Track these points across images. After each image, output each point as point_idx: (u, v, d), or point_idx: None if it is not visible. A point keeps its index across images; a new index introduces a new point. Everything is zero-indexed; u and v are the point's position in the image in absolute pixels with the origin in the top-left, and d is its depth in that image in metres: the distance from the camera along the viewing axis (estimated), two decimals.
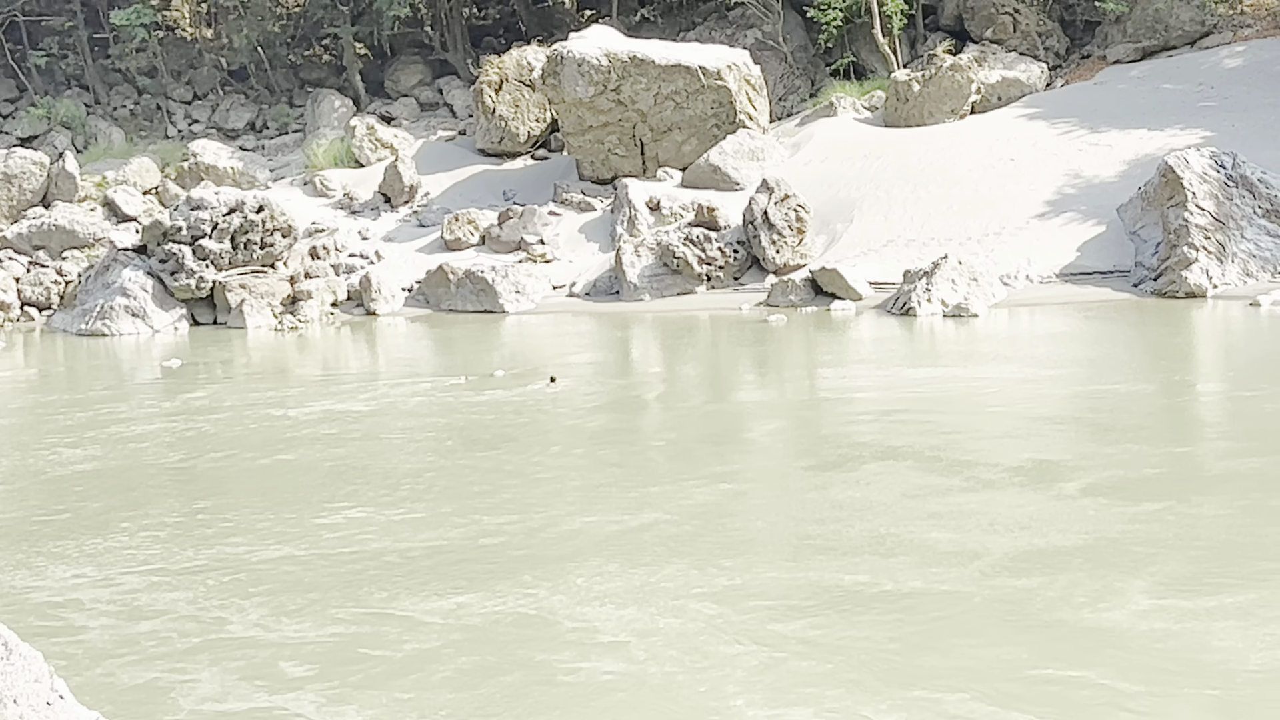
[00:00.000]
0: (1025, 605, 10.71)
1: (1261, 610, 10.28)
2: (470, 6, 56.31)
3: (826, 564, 12.04)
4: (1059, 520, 13.12)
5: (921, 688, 9.41)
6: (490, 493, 15.52)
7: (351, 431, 20.08)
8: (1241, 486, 14.23)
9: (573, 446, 18.35)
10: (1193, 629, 10.03)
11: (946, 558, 12.05)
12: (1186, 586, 10.89)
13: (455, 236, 39.53)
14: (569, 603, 11.32)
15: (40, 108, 49.94)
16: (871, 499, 14.37)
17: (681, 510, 14.15)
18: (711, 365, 26.67)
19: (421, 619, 11.19)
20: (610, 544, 13.02)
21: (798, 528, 13.41)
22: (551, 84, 41.80)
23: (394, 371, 27.39)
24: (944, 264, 31.49)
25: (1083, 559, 11.80)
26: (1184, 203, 31.63)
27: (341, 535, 13.81)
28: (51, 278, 38.54)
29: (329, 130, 48.06)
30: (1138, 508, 13.45)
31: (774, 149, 40.82)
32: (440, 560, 12.83)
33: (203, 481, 17.31)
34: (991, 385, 21.98)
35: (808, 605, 11.03)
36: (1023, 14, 45.19)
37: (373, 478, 16.67)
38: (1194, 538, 12.28)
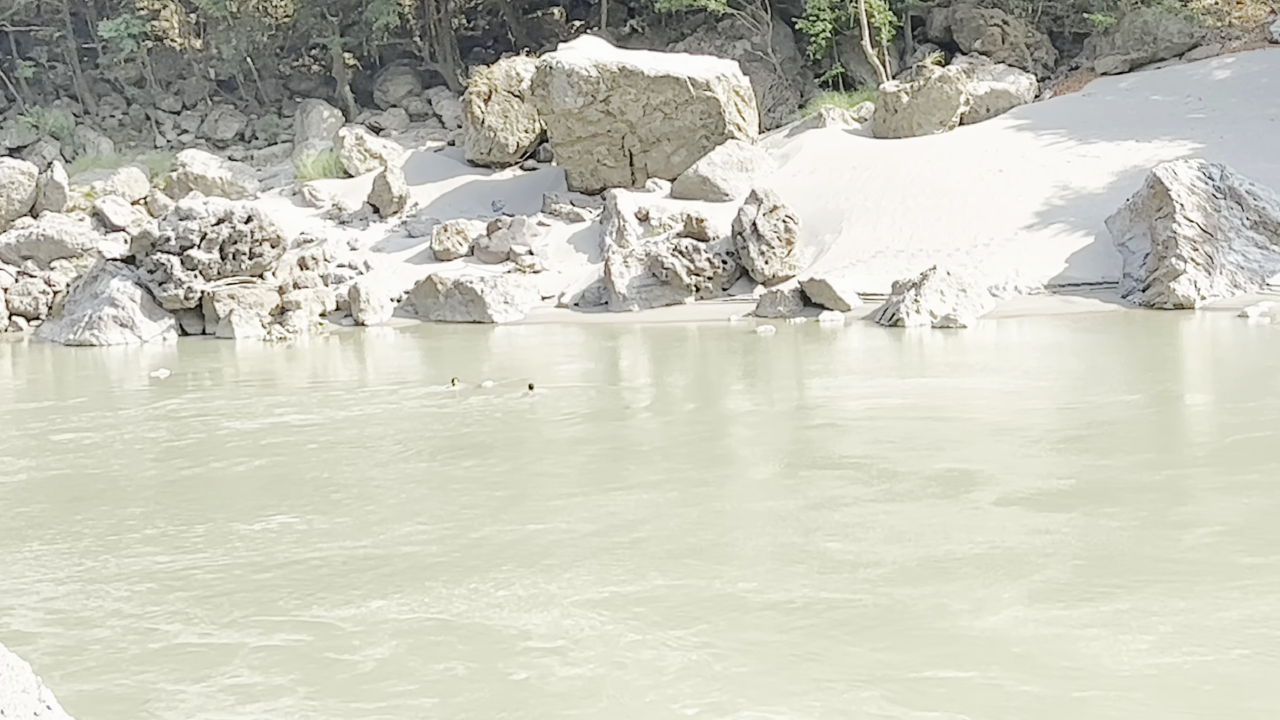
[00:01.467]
0: (907, 612, 11.12)
1: (1130, 619, 10.67)
2: (459, 17, 56.28)
3: (722, 572, 12.44)
4: (961, 530, 13.52)
5: (799, 691, 9.78)
6: (418, 501, 15.95)
7: (310, 441, 20.31)
8: (1152, 498, 14.57)
9: (521, 456, 18.72)
10: (1064, 635, 10.41)
11: (840, 566, 12.44)
12: (1064, 595, 11.30)
13: (444, 247, 39.50)
14: (471, 609, 11.70)
15: (29, 117, 49.86)
16: (786, 509, 14.81)
17: (594, 520, 14.54)
18: (694, 376, 26.74)
19: (335, 625, 11.51)
20: (512, 552, 13.36)
21: (701, 537, 13.74)
22: (540, 95, 41.80)
23: (376, 382, 27.52)
24: (932, 275, 31.50)
25: (973, 567, 12.23)
26: (1172, 214, 31.66)
27: (260, 543, 14.12)
28: (40, 288, 38.46)
29: (318, 141, 48.01)
30: (1043, 518, 13.85)
31: (763, 160, 40.83)
32: (354, 568, 13.14)
33: (139, 490, 17.52)
34: (968, 396, 22.19)
35: (694, 612, 11.36)
36: (1011, 26, 45.22)
37: (311, 487, 16.97)
38: (1084, 548, 12.70)
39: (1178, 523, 13.49)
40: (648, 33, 50.04)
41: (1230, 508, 14.04)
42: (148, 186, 45.57)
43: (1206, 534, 13.07)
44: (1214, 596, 11.11)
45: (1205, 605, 10.90)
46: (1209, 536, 12.97)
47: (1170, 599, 11.06)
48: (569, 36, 49.12)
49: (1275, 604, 10.88)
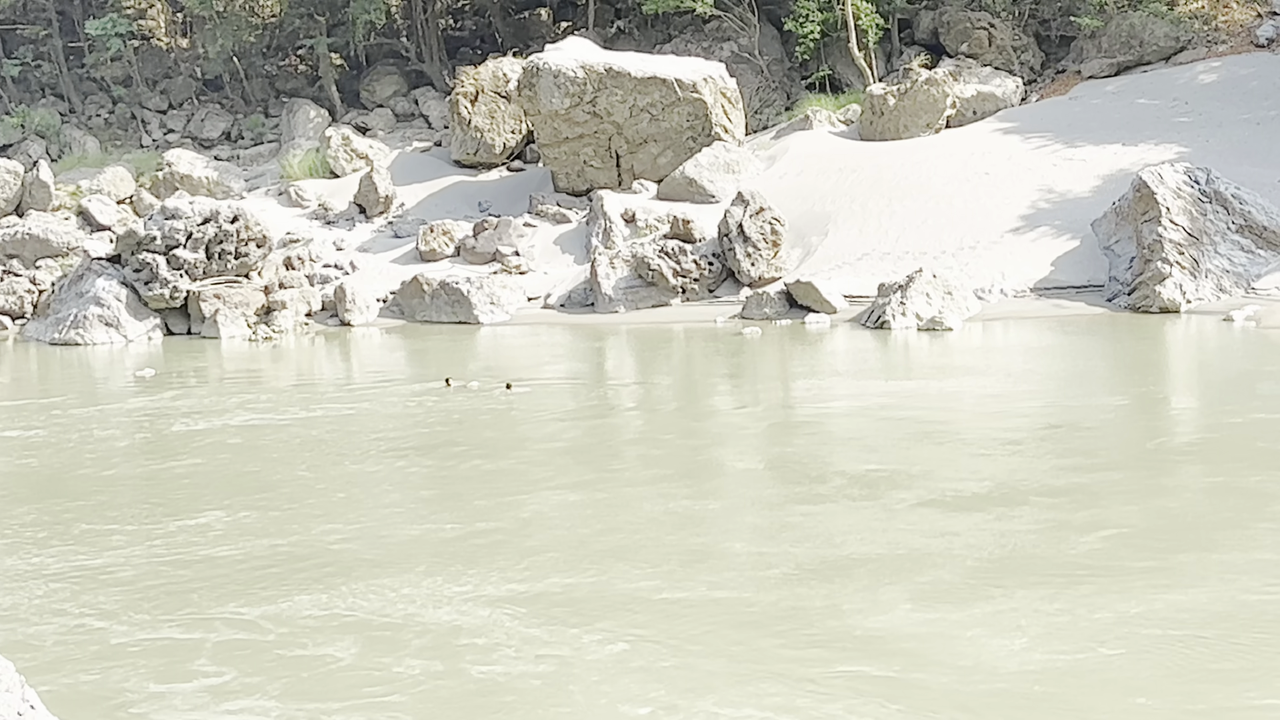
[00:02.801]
0: (800, 611, 11.41)
1: (1007, 619, 11.00)
2: (446, 17, 56.25)
3: (624, 572, 12.68)
4: (869, 531, 13.80)
5: (685, 688, 10.01)
6: (350, 499, 16.19)
7: (269, 440, 20.46)
8: (1068, 501, 14.76)
9: (472, 455, 18.80)
10: (944, 634, 10.71)
11: (742, 566, 12.70)
12: (950, 596, 11.60)
13: (430, 247, 39.46)
14: (381, 603, 11.98)
15: (14, 116, 49.77)
16: (705, 510, 15.09)
17: (514, 519, 14.79)
18: (674, 378, 26.72)
19: (248, 621, 11.73)
20: (426, 551, 13.64)
21: (615, 537, 13.95)
22: (527, 95, 41.78)
23: (355, 382, 27.53)
24: (918, 277, 31.51)
25: (870, 568, 12.53)
26: (1158, 218, 31.69)
27: (182, 541, 14.29)
28: (25, 286, 38.36)
29: (304, 140, 47.95)
30: (952, 520, 14.10)
31: (749, 162, 40.83)
32: (269, 565, 13.37)
33: (79, 488, 17.55)
34: (943, 399, 22.24)
35: (593, 611, 11.63)
36: (998, 29, 45.26)
37: (252, 485, 17.19)
38: (981, 550, 12.98)
39: (1081, 525, 13.68)
40: (635, 34, 50.06)
41: (1140, 510, 14.29)
42: (133, 186, 45.50)
43: (1105, 536, 13.29)
44: (1093, 597, 11.41)
45: (1081, 606, 11.21)
46: (1106, 539, 13.21)
47: (1049, 600, 11.37)
48: (556, 37, 49.10)
49: (1149, 605, 11.21)
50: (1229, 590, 11.55)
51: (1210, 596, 11.41)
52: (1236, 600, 11.31)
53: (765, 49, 47.17)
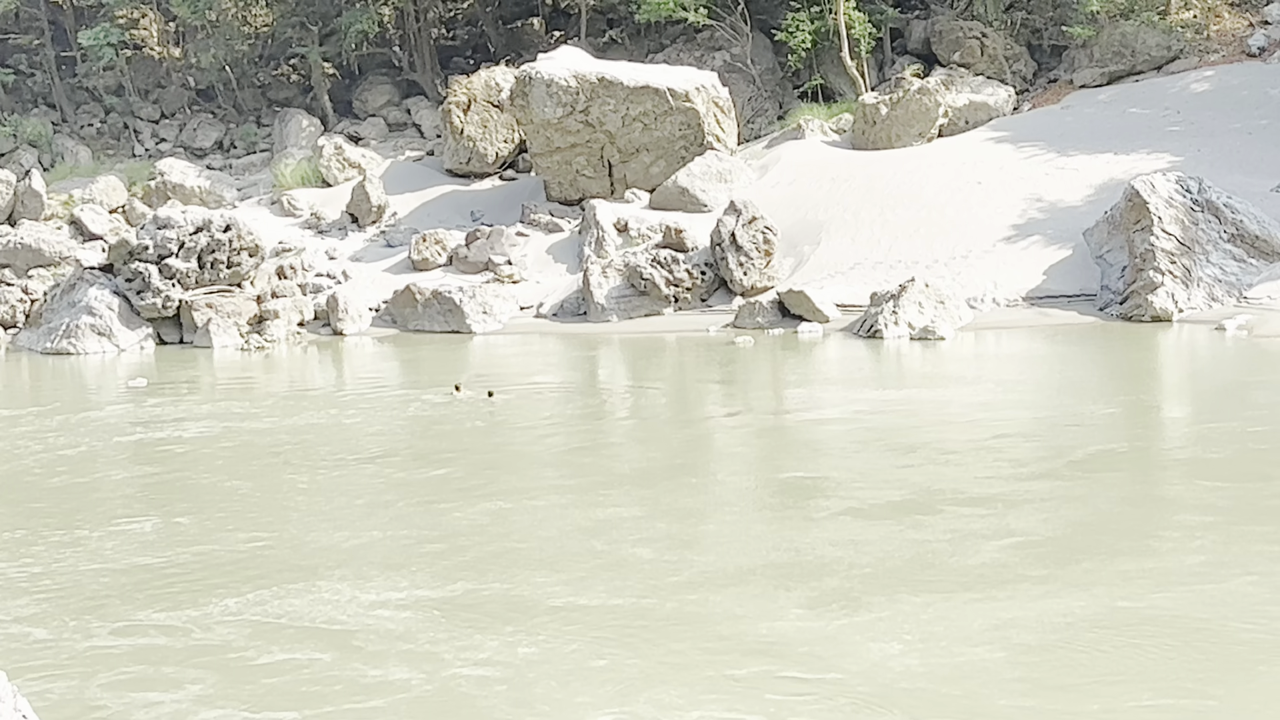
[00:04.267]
0: (695, 617, 11.77)
1: (887, 624, 11.41)
2: (439, 27, 56.25)
3: (529, 578, 13.01)
4: (777, 539, 14.20)
5: (592, 689, 10.37)
6: (284, 507, 16.47)
7: (223, 449, 20.70)
8: (985, 510, 15.04)
9: (423, 463, 19.11)
10: (830, 639, 11.16)
11: (646, 574, 13.02)
12: (840, 602, 12.00)
13: (423, 257, 39.45)
14: (281, 608, 12.35)
15: (7, 126, 49.74)
16: (624, 517, 15.35)
17: (435, 527, 15.10)
18: (660, 386, 26.73)
19: (160, 626, 12.04)
20: (339, 559, 13.94)
21: (528, 545, 14.32)
22: (520, 105, 41.79)
23: (342, 391, 27.58)
24: (911, 287, 31.53)
25: (770, 575, 12.90)
26: (1150, 227, 31.71)
27: (103, 548, 14.59)
28: (17, 296, 38.32)
29: (296, 150, 47.95)
30: (863, 528, 14.46)
31: (742, 171, 40.85)
32: (184, 572, 13.68)
33: (16, 496, 17.82)
34: (924, 408, 22.40)
35: (496, 616, 11.95)
36: (990, 38, 45.30)
37: (193, 494, 17.57)
38: (881, 557, 13.34)
39: (988, 534, 13.99)
40: (627, 43, 50.06)
41: (1050, 519, 14.54)
42: (126, 195, 45.49)
43: (1007, 545, 13.59)
44: (975, 604, 11.82)
45: (961, 612, 11.61)
46: (1007, 548, 13.51)
47: (931, 607, 11.75)
48: (548, 47, 49.15)
49: (1028, 610, 11.60)
50: (1112, 597, 11.91)
51: (1092, 603, 11.77)
52: (1116, 606, 11.68)
53: (758, 58, 47.19)
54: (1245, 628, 11.08)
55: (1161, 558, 13.01)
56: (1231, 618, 11.28)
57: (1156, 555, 13.09)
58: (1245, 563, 12.70)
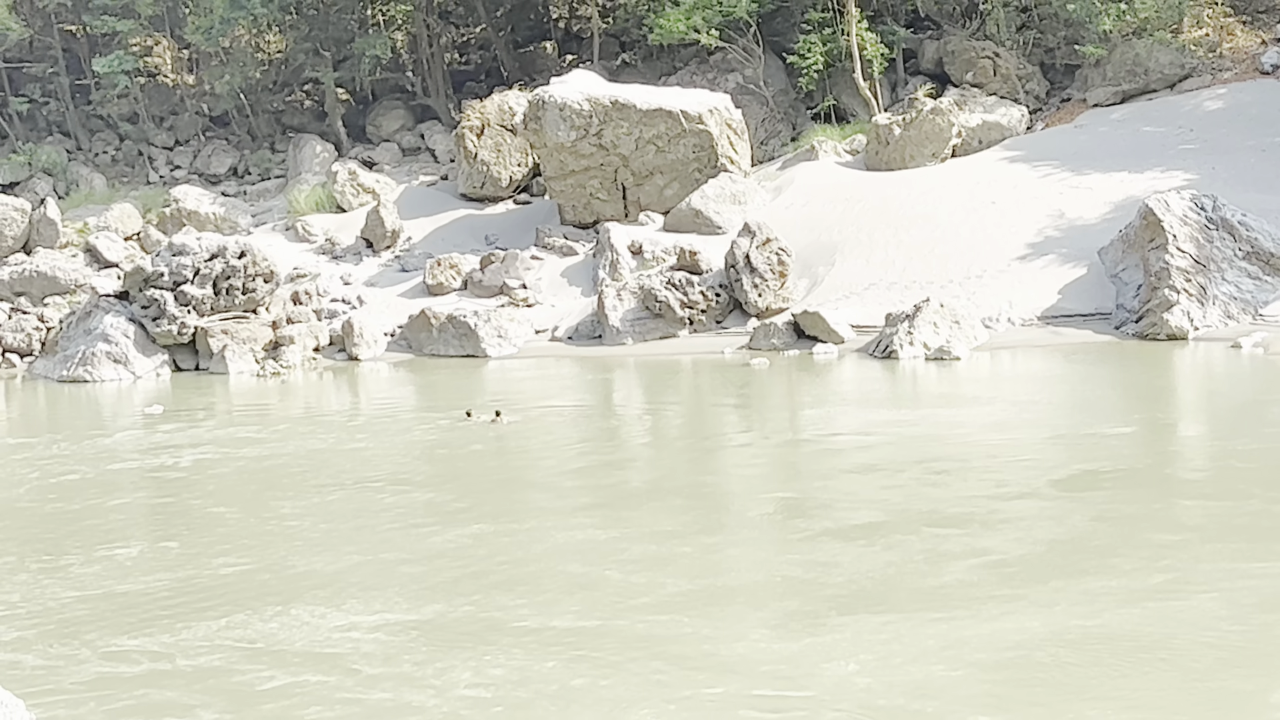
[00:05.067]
0: (663, 639, 11.91)
1: (846, 645, 11.57)
2: (452, 51, 56.39)
3: (503, 602, 13.15)
4: (751, 561, 14.43)
5: (561, 711, 10.55)
6: (270, 533, 16.54)
7: (219, 475, 20.82)
8: (959, 530, 15.12)
9: (417, 488, 19.11)
10: (793, 658, 11.31)
11: (617, 596, 13.16)
12: (805, 623, 12.13)
13: (437, 281, 39.51)
14: (255, 631, 12.55)
15: (21, 154, 49.89)
16: (600, 540, 15.48)
17: (414, 551, 15.25)
18: (671, 409, 26.70)
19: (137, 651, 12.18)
20: (315, 583, 14.12)
21: (505, 568, 14.42)
22: (533, 128, 41.85)
23: (353, 416, 27.59)
24: (926, 307, 31.51)
25: (739, 597, 13.10)
26: (1165, 245, 31.68)
27: (90, 575, 14.73)
28: (33, 324, 38.42)
29: (311, 176, 48.05)
30: (840, 549, 14.56)
31: (756, 192, 40.88)
32: (165, 597, 13.83)
33: (14, 521, 18.01)
34: (934, 429, 22.27)
35: (457, 640, 12.11)
36: (1003, 58, 45.31)
37: (183, 519, 17.65)
38: (850, 578, 13.48)
39: (959, 554, 14.11)
40: (640, 66, 50.15)
41: (1022, 539, 14.65)
42: (141, 222, 45.61)
43: (975, 565, 13.71)
44: (934, 624, 11.94)
45: (918, 632, 11.74)
46: (975, 568, 13.63)
47: (890, 626, 11.93)
48: (561, 70, 49.21)
49: (983, 629, 11.78)
50: (1072, 616, 12.04)
51: (1051, 621, 11.92)
52: (1074, 625, 11.80)
53: (771, 80, 47.24)
54: (1200, 645, 11.25)
55: (1127, 576, 13.11)
56: (1187, 635, 11.45)
57: (1122, 574, 13.19)
58: (1210, 580, 12.85)
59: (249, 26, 51.28)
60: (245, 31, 51.81)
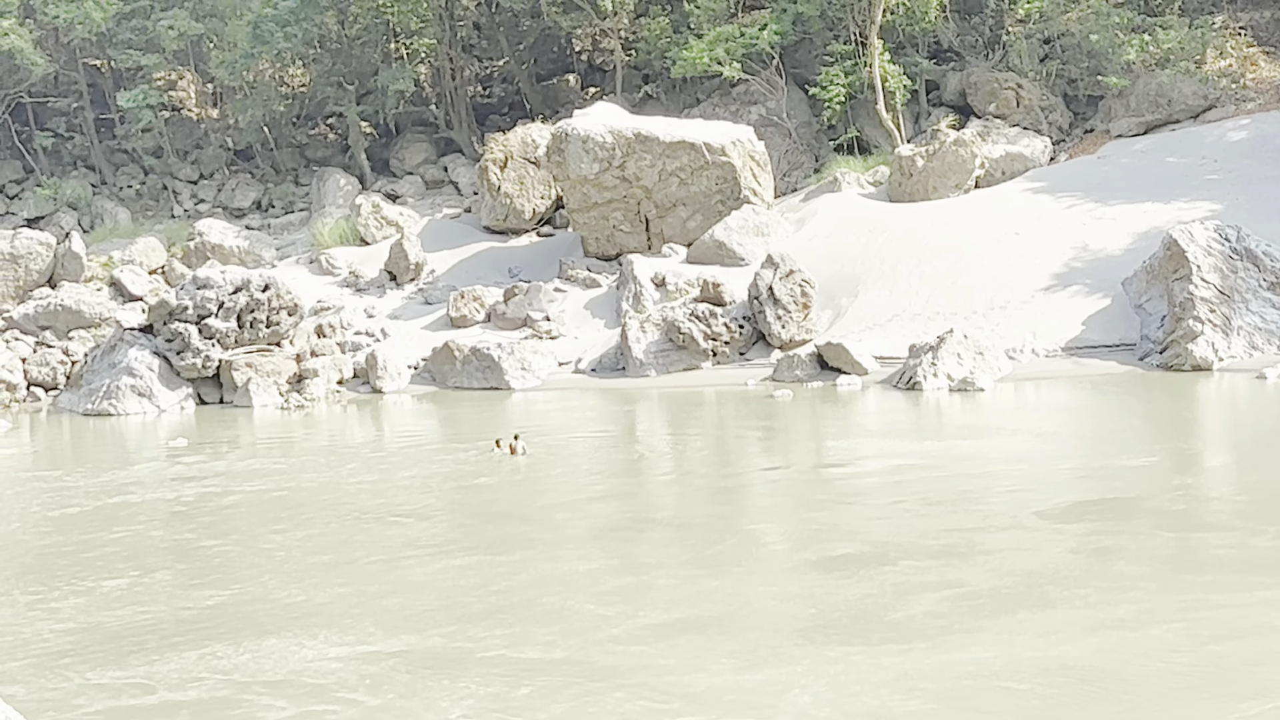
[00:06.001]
0: (626, 669, 12.06)
1: (805, 678, 11.64)
2: (475, 84, 56.55)
3: (473, 633, 13.30)
4: (725, 592, 14.46)
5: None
6: (263, 567, 16.65)
7: (235, 508, 21.03)
8: (943, 562, 15.23)
9: (414, 522, 19.16)
10: (761, 690, 11.46)
11: (586, 628, 13.29)
12: (763, 656, 12.27)
13: (461, 313, 39.56)
14: (231, 663, 12.73)
15: (46, 188, 50.10)
16: (582, 572, 15.67)
17: (400, 583, 15.41)
18: (688, 442, 26.60)
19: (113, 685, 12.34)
20: (293, 615, 14.29)
21: (482, 600, 14.57)
22: (556, 161, 41.93)
23: (373, 449, 27.58)
24: (949, 338, 31.46)
25: (706, 629, 13.16)
26: (1189, 276, 31.63)
27: (71, 607, 14.93)
28: (58, 358, 38.50)
29: (334, 209, 48.17)
30: (816, 581, 14.77)
31: (779, 224, 40.89)
32: (145, 629, 14.00)
33: (8, 555, 18.14)
34: (950, 462, 22.18)
35: (426, 670, 12.27)
36: (1025, 89, 45.31)
37: (178, 553, 17.93)
38: (816, 611, 13.61)
39: (930, 586, 14.22)
40: (663, 98, 50.20)
41: (996, 571, 14.74)
42: (165, 256, 45.75)
43: (944, 597, 13.82)
44: (898, 655, 12.08)
45: (875, 664, 11.91)
46: (943, 600, 13.74)
47: (849, 658, 12.09)
48: (584, 103, 49.32)
49: (940, 660, 11.89)
50: (1031, 647, 12.16)
51: (1007, 652, 12.04)
52: (1031, 656, 11.92)
53: (793, 111, 47.27)
54: (1154, 675, 11.37)
55: (1093, 608, 13.18)
56: (1142, 665, 11.57)
57: (1088, 606, 13.26)
58: (1173, 612, 12.95)
59: (273, 60, 51.52)
60: (269, 65, 52.04)
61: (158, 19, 50.20)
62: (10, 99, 52.36)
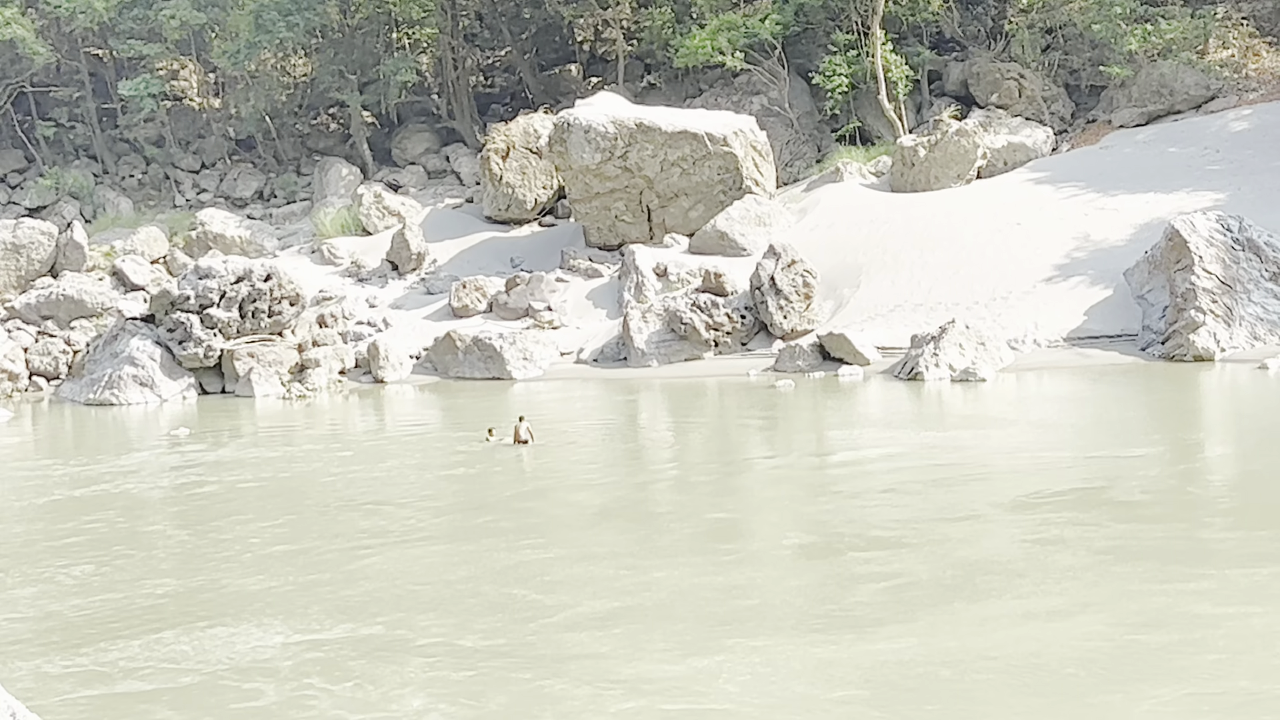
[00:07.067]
0: (564, 658, 12.26)
1: (730, 667, 11.83)
2: (477, 75, 56.53)
3: (413, 621, 13.50)
4: (669, 583, 14.57)
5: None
6: (220, 556, 16.79)
7: (209, 499, 21.03)
8: (882, 553, 15.33)
9: (381, 513, 19.21)
10: (681, 676, 11.71)
11: (524, 617, 13.45)
12: (695, 644, 12.45)
13: (463, 303, 39.55)
14: (170, 651, 12.88)
15: (48, 178, 50.09)
16: (531, 561, 15.78)
17: (351, 573, 15.54)
18: (686, 433, 26.62)
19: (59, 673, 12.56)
20: (257, 600, 14.52)
21: (433, 589, 14.74)
22: (558, 151, 41.91)
23: (369, 439, 27.65)
24: (951, 329, 31.45)
25: (642, 618, 13.33)
26: (1191, 266, 31.61)
27: (27, 597, 15.12)
28: (60, 347, 38.52)
29: (336, 198, 48.16)
30: (758, 572, 14.87)
31: (781, 214, 40.87)
32: (96, 618, 14.16)
33: None
34: (942, 452, 22.18)
35: (364, 658, 12.46)
36: (1028, 79, 45.28)
37: (139, 541, 17.94)
38: (757, 600, 13.78)
39: (872, 576, 14.40)
40: (665, 88, 50.20)
41: (939, 562, 14.78)
42: (167, 245, 45.75)
43: (884, 588, 13.96)
44: (823, 646, 12.26)
45: (799, 653, 12.07)
46: (882, 590, 13.89)
47: (773, 648, 12.23)
48: (586, 93, 49.33)
49: (861, 650, 12.06)
50: (957, 637, 12.30)
51: (932, 642, 12.18)
52: (952, 646, 12.06)
53: (795, 102, 47.25)
54: (1074, 663, 11.48)
55: (1026, 599, 13.30)
56: (1063, 654, 11.68)
57: (1021, 596, 13.38)
58: (1103, 601, 13.08)
59: (275, 50, 51.51)
60: (271, 55, 52.02)
61: (159, 8, 50.12)
62: (12, 89, 52.36)
